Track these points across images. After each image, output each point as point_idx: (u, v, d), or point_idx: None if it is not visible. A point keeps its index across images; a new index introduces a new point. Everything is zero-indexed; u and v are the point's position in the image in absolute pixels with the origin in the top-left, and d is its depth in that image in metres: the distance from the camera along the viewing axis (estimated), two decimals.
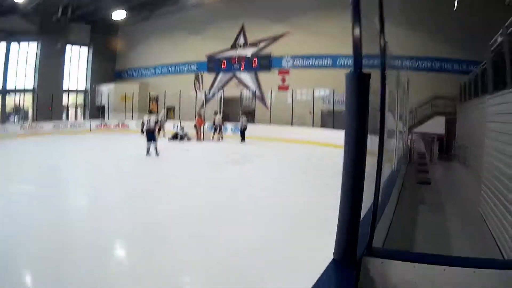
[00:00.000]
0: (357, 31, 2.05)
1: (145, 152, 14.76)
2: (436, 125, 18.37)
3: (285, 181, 10.72)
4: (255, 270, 4.89)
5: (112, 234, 6.03)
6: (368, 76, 2.02)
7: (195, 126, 21.10)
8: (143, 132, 16.57)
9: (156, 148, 14.82)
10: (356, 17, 2.05)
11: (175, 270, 4.89)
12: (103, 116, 27.48)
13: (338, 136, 17.38)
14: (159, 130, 17.78)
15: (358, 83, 2.04)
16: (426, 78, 18.56)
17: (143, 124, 16.32)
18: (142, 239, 5.85)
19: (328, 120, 20.66)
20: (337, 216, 2.21)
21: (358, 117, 2.02)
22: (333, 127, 19.32)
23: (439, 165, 15.23)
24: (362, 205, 2.22)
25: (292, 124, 21.22)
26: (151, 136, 14.93)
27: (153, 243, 5.65)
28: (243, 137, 20.43)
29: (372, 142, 2.33)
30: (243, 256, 5.30)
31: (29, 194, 8.54)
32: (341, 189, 2.16)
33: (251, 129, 20.98)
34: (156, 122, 15.92)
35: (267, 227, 6.50)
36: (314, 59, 22.66)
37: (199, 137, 20.91)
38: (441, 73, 19.26)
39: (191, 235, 6.06)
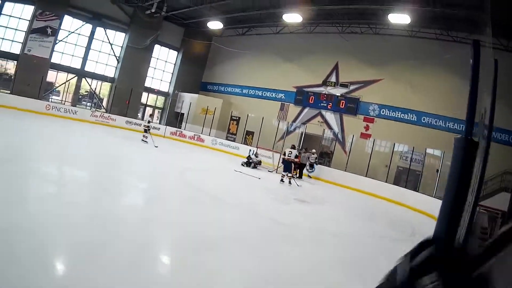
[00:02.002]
0: (474, 97, 1.96)
1: (279, 180, 16.71)
2: (501, 201, 17.25)
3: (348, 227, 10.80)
4: None
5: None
6: (476, 144, 1.88)
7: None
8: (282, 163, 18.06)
9: (290, 179, 16.56)
10: (475, 82, 1.97)
11: None
12: (180, 124, 27.64)
13: (410, 197, 16.98)
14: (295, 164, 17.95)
15: (466, 151, 1.90)
16: (503, 151, 17.77)
17: (284, 153, 17.35)
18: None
19: (402, 177, 20.10)
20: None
21: (459, 184, 1.93)
22: (406, 185, 18.64)
23: None
24: None
25: (366, 174, 20.51)
26: (288, 166, 16.72)
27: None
28: (300, 174, 19.74)
29: None
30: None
31: None
32: None
33: (327, 171, 20.56)
34: (296, 156, 17.21)
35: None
36: (399, 112, 22.16)
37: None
38: None
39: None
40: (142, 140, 20.58)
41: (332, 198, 16.10)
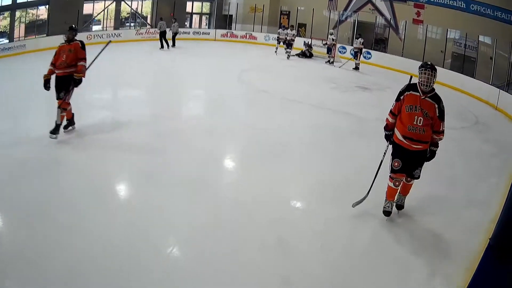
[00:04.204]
0: None
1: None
2: None
3: None
4: None
5: None
6: None
7: None
8: None
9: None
10: None
11: None
12: (230, 26, 27.79)
13: (468, 84, 16.66)
14: None
15: None
16: None
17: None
18: None
19: (457, 64, 19.67)
20: None
21: None
22: (462, 72, 18.28)
23: None
24: None
25: (423, 59, 20.18)
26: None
27: None
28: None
29: None
30: None
31: None
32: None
33: (383, 57, 20.41)
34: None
35: None
36: None
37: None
38: None
39: None
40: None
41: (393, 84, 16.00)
